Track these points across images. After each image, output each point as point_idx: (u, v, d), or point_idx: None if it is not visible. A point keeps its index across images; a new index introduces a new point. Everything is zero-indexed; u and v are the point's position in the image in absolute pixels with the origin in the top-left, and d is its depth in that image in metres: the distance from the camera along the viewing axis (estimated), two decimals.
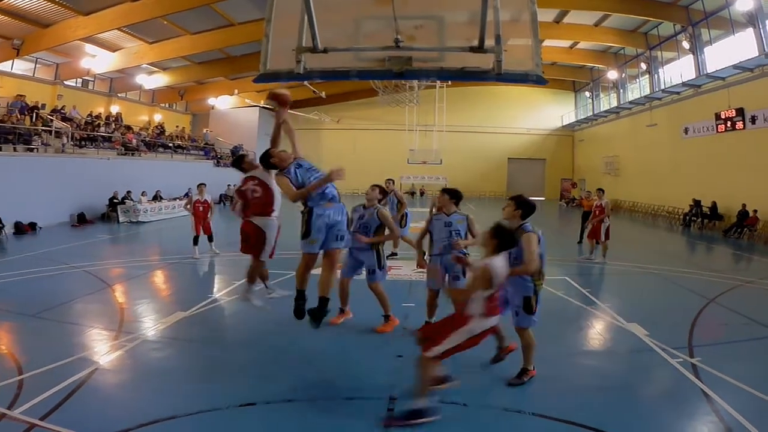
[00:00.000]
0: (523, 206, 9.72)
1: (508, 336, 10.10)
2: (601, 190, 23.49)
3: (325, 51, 8.26)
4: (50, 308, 13.85)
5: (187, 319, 13.19)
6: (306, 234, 9.92)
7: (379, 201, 13.12)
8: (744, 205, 33.23)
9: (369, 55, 8.86)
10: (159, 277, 18.04)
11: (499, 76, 8.25)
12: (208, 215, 22.25)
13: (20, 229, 28.90)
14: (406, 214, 20.99)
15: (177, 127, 60.36)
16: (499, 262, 8.00)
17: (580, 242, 26.60)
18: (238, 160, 12.05)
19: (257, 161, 11.42)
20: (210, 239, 22.26)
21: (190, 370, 10.18)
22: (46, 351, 10.51)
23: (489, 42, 7.96)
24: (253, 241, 10.88)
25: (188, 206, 23.06)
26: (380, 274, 12.43)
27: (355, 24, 8.69)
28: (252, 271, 11.44)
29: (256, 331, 12.32)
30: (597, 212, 22.39)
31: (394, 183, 21.52)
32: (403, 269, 19.45)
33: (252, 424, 8.07)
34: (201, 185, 22.69)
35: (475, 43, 7.86)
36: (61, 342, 11.30)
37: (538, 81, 8.51)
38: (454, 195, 11.73)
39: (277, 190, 10.84)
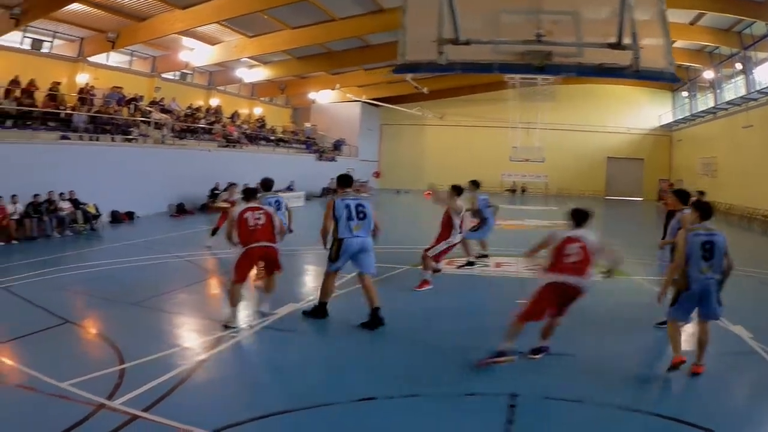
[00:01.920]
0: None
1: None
2: (701, 193, 22.86)
3: (467, 43, 8.29)
4: (152, 297, 13.74)
5: (300, 312, 12.82)
6: None
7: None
8: None
9: (509, 49, 8.92)
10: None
11: (637, 73, 8.43)
12: None
13: (117, 218, 28.96)
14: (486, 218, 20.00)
15: (283, 126, 60.81)
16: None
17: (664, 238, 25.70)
18: (347, 180, 12.56)
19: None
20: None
21: (305, 363, 9.91)
22: (150, 341, 10.33)
23: (626, 38, 7.97)
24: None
25: (221, 203, 23.53)
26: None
27: (495, 17, 8.68)
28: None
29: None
30: None
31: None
32: (514, 266, 19.02)
33: (372, 420, 7.70)
34: (232, 185, 23.31)
35: (613, 39, 7.92)
36: (165, 332, 11.23)
37: (673, 79, 8.91)
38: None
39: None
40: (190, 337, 10.86)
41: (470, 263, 18.37)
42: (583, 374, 9.24)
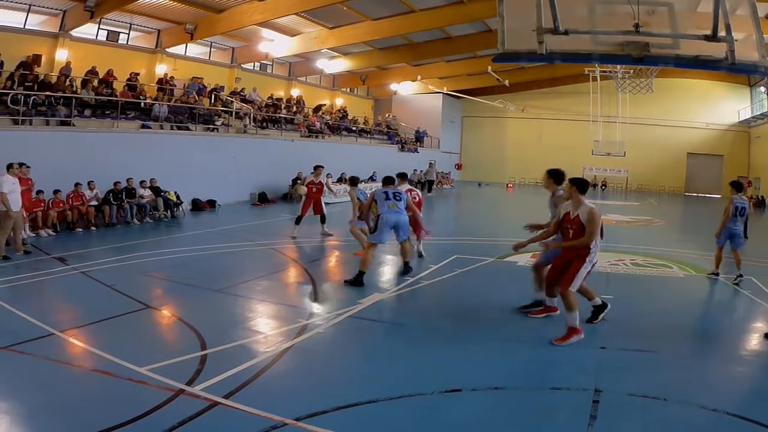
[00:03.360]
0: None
1: None
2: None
3: (566, 33, 8.39)
4: (236, 284, 13.83)
5: (386, 301, 12.80)
6: None
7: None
8: None
9: (607, 39, 9.00)
10: (350, 257, 17.53)
11: (733, 66, 8.37)
12: (321, 196, 22.13)
13: (198, 206, 29.32)
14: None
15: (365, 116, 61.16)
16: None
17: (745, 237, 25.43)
18: (389, 179, 15.44)
19: None
20: (323, 220, 21.98)
21: (390, 353, 9.80)
22: (232, 327, 10.44)
23: (721, 31, 7.97)
24: None
25: (303, 185, 23.46)
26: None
27: (593, 6, 8.87)
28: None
29: (458, 316, 11.82)
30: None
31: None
32: (599, 260, 18.52)
33: (457, 411, 7.54)
34: (318, 167, 22.75)
35: (708, 31, 7.91)
36: (248, 318, 11.28)
37: (767, 73, 8.93)
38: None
39: None
40: (273, 325, 10.81)
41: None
42: (667, 372, 9.08)
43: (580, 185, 10.13)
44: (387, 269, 16.12)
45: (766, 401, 8.29)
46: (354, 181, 18.90)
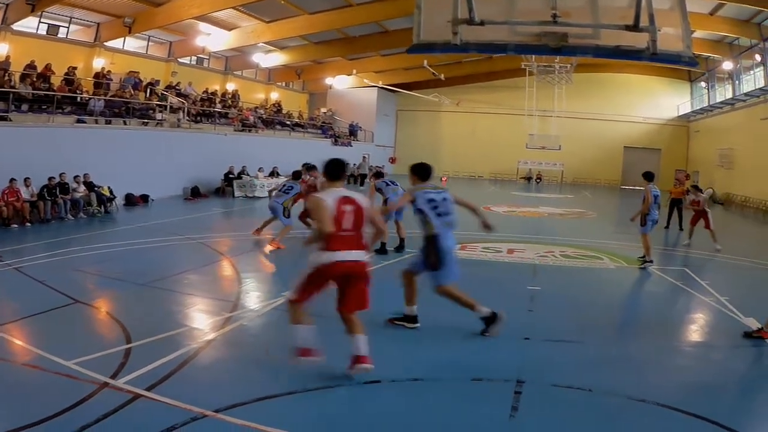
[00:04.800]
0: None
1: None
2: (696, 187, 24.67)
3: (482, 23, 8.43)
4: (163, 278, 13.84)
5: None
6: None
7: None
8: None
9: (525, 30, 9.01)
10: (275, 251, 17.49)
11: (654, 56, 8.45)
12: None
13: (131, 200, 29.17)
14: None
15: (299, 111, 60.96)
16: None
17: (666, 227, 26.63)
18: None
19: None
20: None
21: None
22: (158, 321, 10.42)
23: (643, 21, 8.04)
24: None
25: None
26: None
27: None
28: None
29: (379, 310, 11.71)
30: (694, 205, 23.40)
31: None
32: (527, 252, 19.06)
33: (376, 403, 7.77)
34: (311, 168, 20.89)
35: (630, 21, 8.00)
36: (172, 312, 11.28)
37: (691, 63, 8.96)
38: None
39: None
40: (197, 318, 10.93)
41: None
42: (593, 363, 9.25)
43: (329, 172, 8.86)
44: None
45: (694, 391, 8.51)
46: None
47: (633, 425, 7.41)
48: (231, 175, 36.25)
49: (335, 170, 8.66)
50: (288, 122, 53.90)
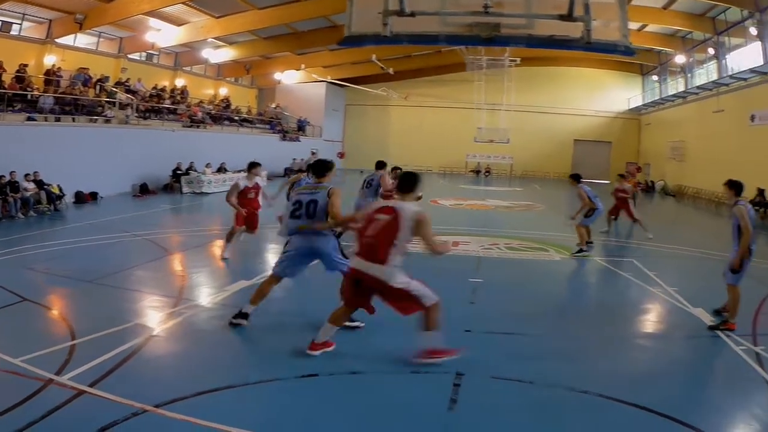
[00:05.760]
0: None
1: None
2: (622, 176, 24.59)
3: (412, 14, 8.43)
4: (109, 274, 13.83)
5: (250, 289, 12.74)
6: None
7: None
8: None
9: (457, 21, 8.96)
10: (221, 247, 17.22)
11: (588, 45, 8.46)
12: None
13: (81, 198, 28.99)
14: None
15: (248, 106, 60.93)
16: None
17: (615, 219, 26.33)
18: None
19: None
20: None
21: (250, 339, 10.03)
22: (102, 317, 10.37)
23: (577, 10, 8.06)
24: None
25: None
26: None
27: None
28: None
29: (319, 303, 11.82)
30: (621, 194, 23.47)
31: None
32: (471, 245, 19.25)
33: (314, 396, 7.81)
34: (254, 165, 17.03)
35: (564, 11, 7.99)
36: (118, 308, 11.25)
37: (627, 52, 8.95)
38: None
39: None
40: (141, 314, 10.98)
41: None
42: (535, 355, 9.30)
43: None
44: (254, 258, 16.23)
45: (639, 382, 8.62)
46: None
47: (574, 417, 7.53)
48: (179, 172, 36.17)
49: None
50: (236, 118, 53.83)
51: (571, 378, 8.48)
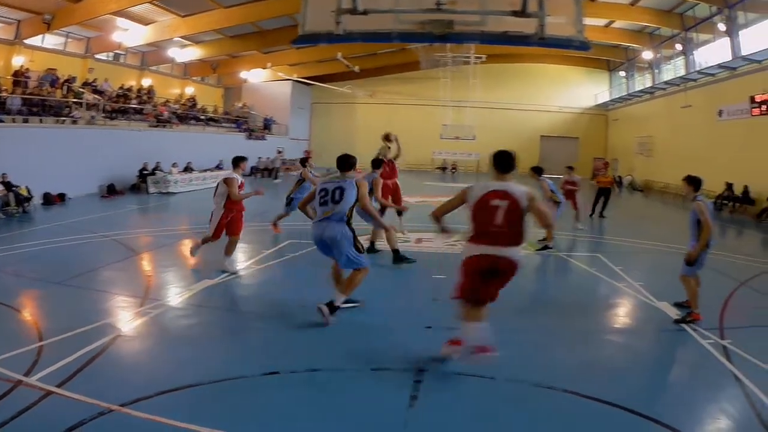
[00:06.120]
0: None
1: None
2: (571, 168, 25.05)
3: (365, 12, 8.52)
4: (76, 275, 13.91)
5: (215, 288, 13.17)
6: None
7: None
8: None
9: (410, 18, 9.04)
10: (187, 247, 17.35)
11: (542, 41, 8.56)
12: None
13: (49, 199, 28.98)
14: None
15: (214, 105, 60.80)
16: None
17: (591, 215, 27.39)
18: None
19: None
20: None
21: (214, 338, 10.18)
22: (69, 318, 10.51)
23: (531, 6, 8.16)
24: None
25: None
26: None
27: None
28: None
29: (282, 301, 12.21)
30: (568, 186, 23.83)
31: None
32: (435, 242, 19.55)
33: (276, 393, 7.96)
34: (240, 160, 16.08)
35: (518, 7, 8.09)
36: (85, 309, 11.30)
37: (582, 47, 8.96)
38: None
39: None
40: (107, 314, 11.03)
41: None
42: (499, 351, 8.62)
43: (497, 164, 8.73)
44: (218, 256, 15.85)
45: (602, 377, 8.81)
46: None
47: (537, 412, 7.65)
48: (145, 172, 36.13)
49: (502, 163, 8.34)
50: (202, 117, 53.72)
51: (537, 374, 8.65)
